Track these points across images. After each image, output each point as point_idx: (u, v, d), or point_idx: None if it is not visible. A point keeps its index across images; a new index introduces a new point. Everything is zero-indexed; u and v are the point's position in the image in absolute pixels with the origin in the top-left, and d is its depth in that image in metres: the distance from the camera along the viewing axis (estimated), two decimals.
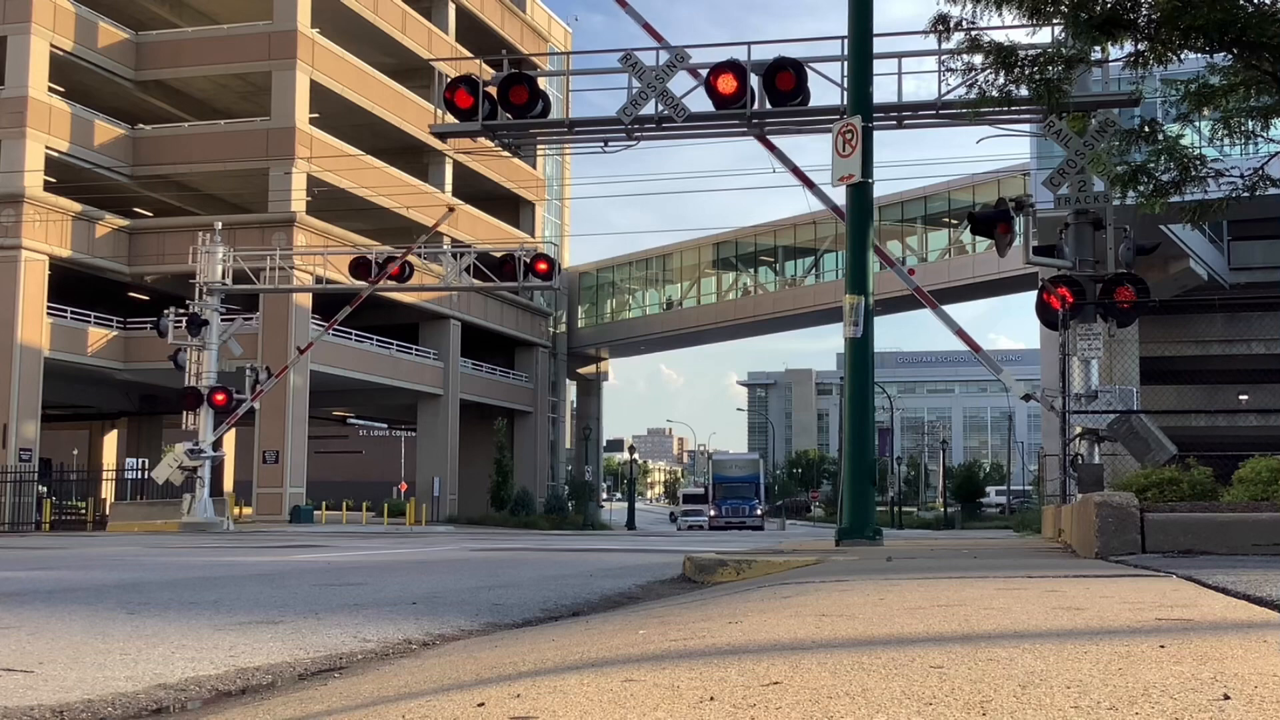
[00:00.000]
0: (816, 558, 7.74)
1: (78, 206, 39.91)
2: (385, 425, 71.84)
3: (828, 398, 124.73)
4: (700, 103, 16.60)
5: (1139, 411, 14.75)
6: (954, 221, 50.04)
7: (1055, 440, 15.04)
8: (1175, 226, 28.00)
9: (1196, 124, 11.96)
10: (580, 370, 66.05)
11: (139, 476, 38.42)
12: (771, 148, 16.87)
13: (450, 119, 17.51)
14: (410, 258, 29.81)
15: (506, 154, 21.86)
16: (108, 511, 34.46)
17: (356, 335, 44.85)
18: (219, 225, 30.95)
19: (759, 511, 58.19)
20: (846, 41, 12.02)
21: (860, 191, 10.75)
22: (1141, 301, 14.30)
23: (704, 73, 16.47)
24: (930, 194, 51.85)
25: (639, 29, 17.53)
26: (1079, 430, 13.93)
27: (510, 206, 57.54)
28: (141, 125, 44.63)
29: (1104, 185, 14.00)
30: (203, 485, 29.42)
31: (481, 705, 1.93)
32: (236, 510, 35.39)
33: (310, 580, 7.30)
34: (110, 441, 50.38)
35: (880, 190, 12.00)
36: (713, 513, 58.73)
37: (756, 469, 62.31)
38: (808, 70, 16.24)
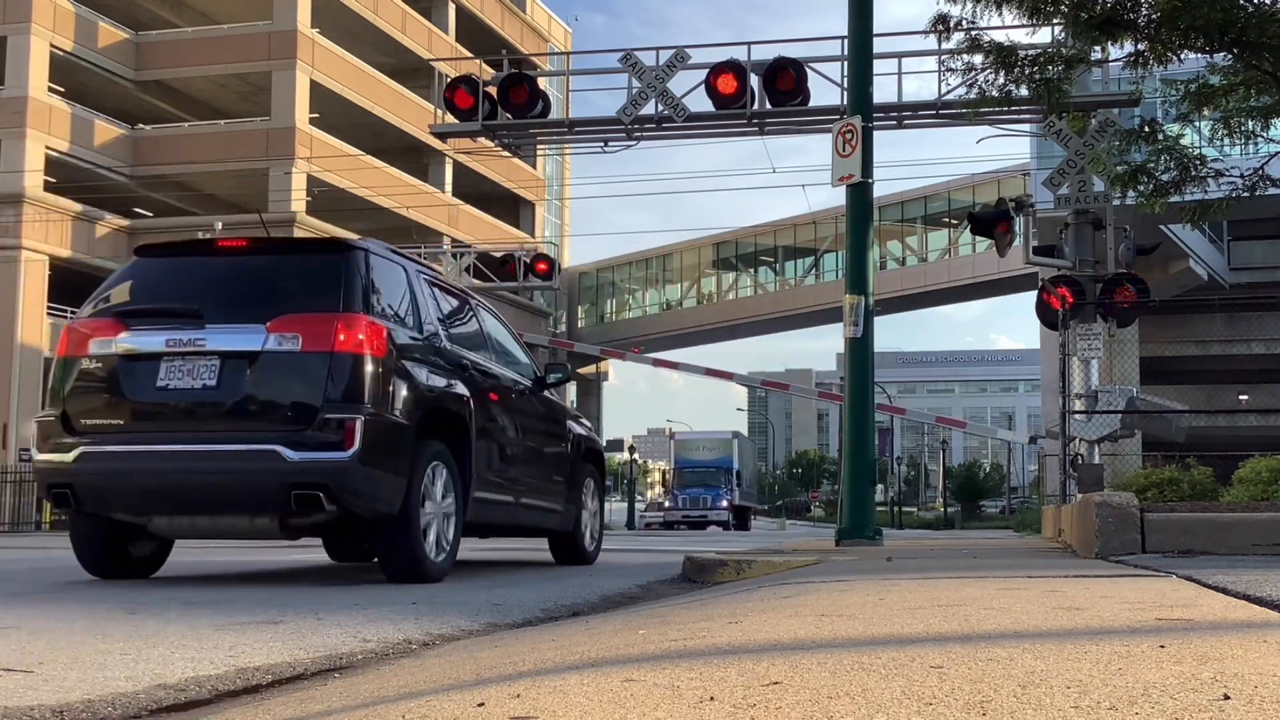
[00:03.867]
0: (816, 558, 7.75)
1: (78, 206, 39.91)
2: None
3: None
4: (700, 103, 16.63)
5: (1138, 411, 14.76)
6: (954, 221, 50.04)
7: (1055, 440, 15.04)
8: (1175, 226, 28.01)
9: (1196, 124, 11.98)
10: (580, 370, 66.07)
11: None
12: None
13: (450, 119, 17.53)
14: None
15: (506, 154, 21.87)
16: None
17: None
18: (219, 225, 30.97)
19: (724, 503, 46.99)
20: (846, 41, 12.03)
21: (860, 191, 10.75)
22: (1141, 301, 14.32)
23: (704, 73, 16.49)
24: (930, 194, 51.87)
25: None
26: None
27: (510, 206, 57.55)
28: (141, 125, 44.65)
29: (1104, 185, 14.01)
30: None
31: (481, 705, 1.93)
32: None
33: (310, 580, 7.31)
34: None
35: (880, 190, 12.01)
36: (668, 504, 48.34)
37: (729, 451, 50.55)
38: (808, 70, 16.24)
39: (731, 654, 2.38)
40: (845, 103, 12.86)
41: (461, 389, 7.55)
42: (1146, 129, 11.36)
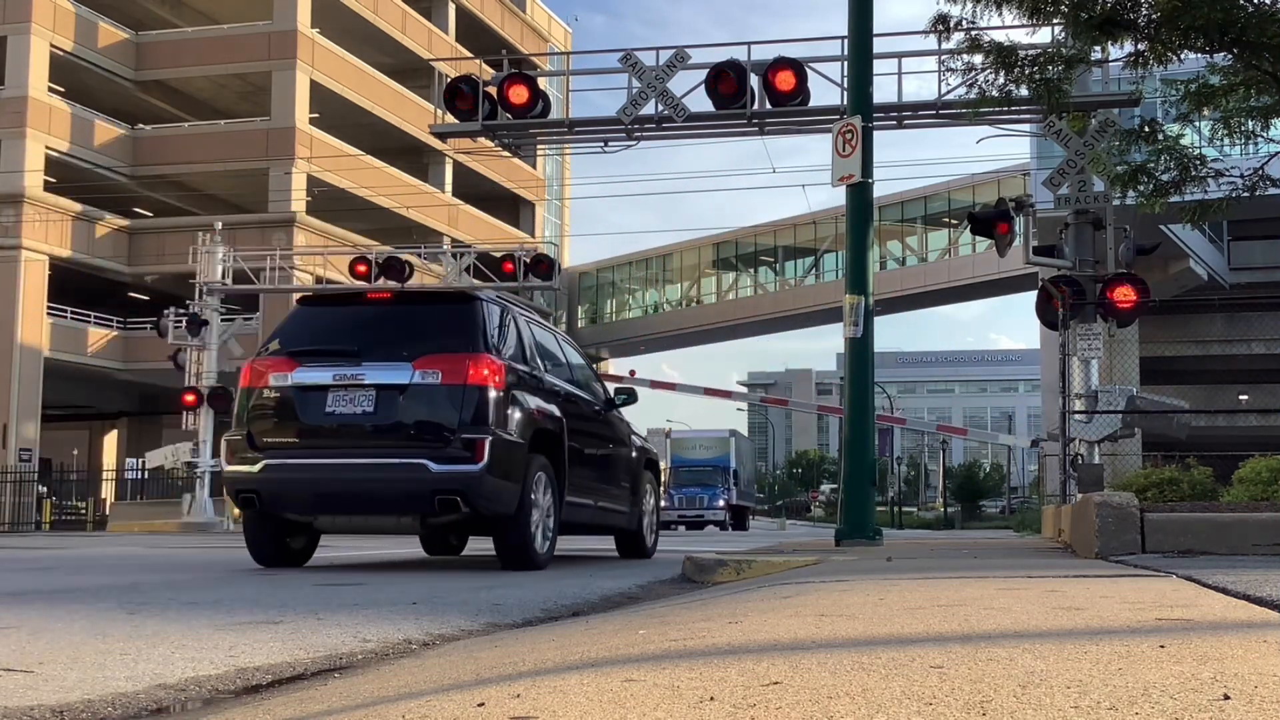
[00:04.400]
0: (816, 558, 7.75)
1: (78, 206, 39.90)
2: None
3: (828, 398, 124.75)
4: (700, 103, 16.60)
5: (1139, 411, 14.75)
6: (954, 221, 50.02)
7: (1056, 441, 15.03)
8: (1175, 226, 28.01)
9: (1196, 124, 11.97)
10: None
11: (139, 476, 38.41)
12: None
13: (450, 119, 17.50)
14: (410, 257, 29.84)
15: (506, 154, 21.85)
16: (108, 511, 34.47)
17: None
18: (219, 225, 30.94)
19: (721, 503, 46.33)
20: (846, 41, 12.02)
21: (860, 191, 10.75)
22: (1141, 301, 14.30)
23: (704, 73, 16.48)
24: (930, 194, 51.86)
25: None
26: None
27: (510, 206, 57.54)
28: (141, 125, 44.63)
29: (1104, 185, 14.00)
30: (203, 485, 29.45)
31: (481, 705, 1.93)
32: (237, 510, 35.36)
33: (310, 580, 7.30)
34: (110, 441, 50.41)
35: (880, 190, 12.00)
36: (663, 504, 47.85)
37: (726, 449, 49.51)
38: (808, 70, 16.22)
39: (731, 654, 2.38)
40: (845, 103, 12.85)
41: (557, 412, 9.20)
42: (1146, 129, 11.36)
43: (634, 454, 11.31)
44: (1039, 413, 64.60)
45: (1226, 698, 1.73)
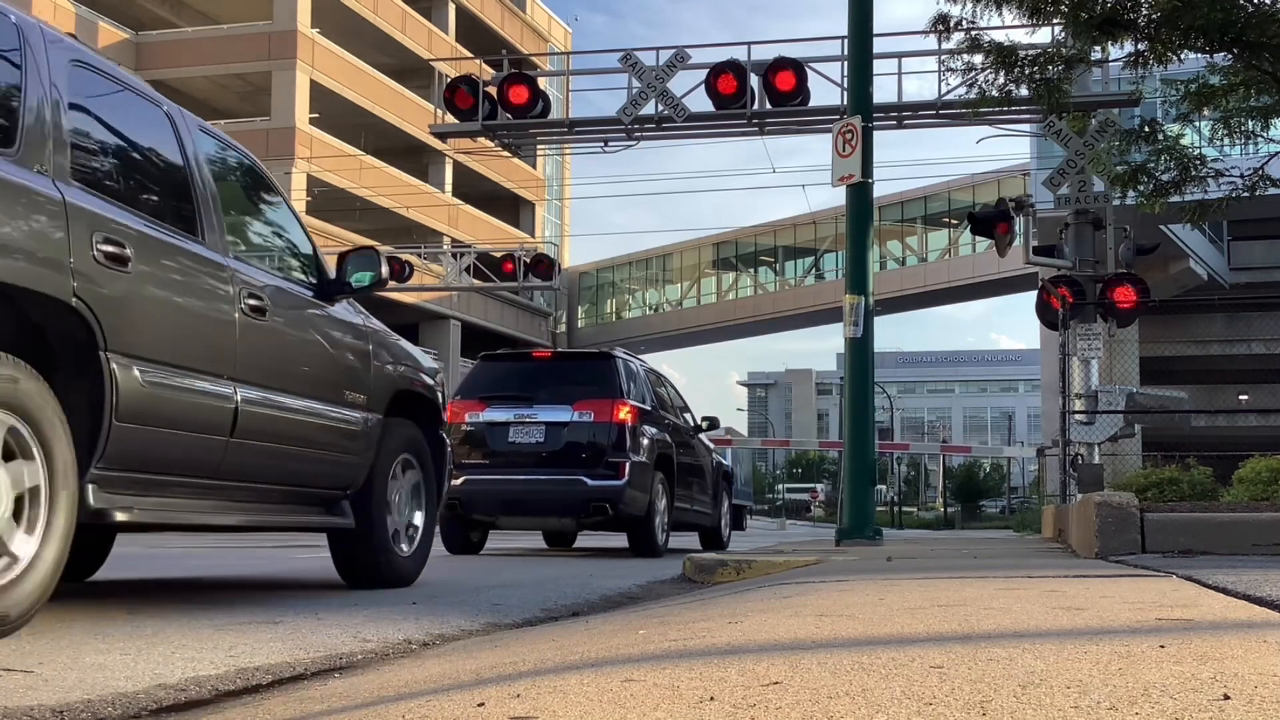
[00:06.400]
0: (816, 558, 7.75)
1: None
2: None
3: (828, 398, 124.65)
4: (700, 103, 16.61)
5: (1140, 411, 14.76)
6: (954, 221, 50.01)
7: (1057, 444, 15.02)
8: (1175, 226, 28.02)
9: (1196, 124, 11.99)
10: None
11: None
12: None
13: (450, 119, 17.51)
14: (410, 257, 29.83)
15: (506, 154, 21.84)
16: None
17: None
18: None
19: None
20: (846, 41, 12.03)
21: (860, 191, 10.75)
22: (1142, 301, 14.31)
23: (704, 73, 16.47)
24: (930, 194, 51.85)
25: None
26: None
27: (510, 206, 57.50)
28: None
29: (1104, 185, 14.01)
30: None
31: (481, 705, 1.93)
32: None
33: (310, 581, 7.31)
34: None
35: (880, 190, 12.02)
36: None
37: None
38: (808, 70, 16.22)
39: (731, 654, 2.38)
40: (845, 103, 12.85)
41: (668, 439, 12.13)
42: (1146, 129, 11.37)
43: (715, 466, 14.17)
44: (1039, 413, 64.55)
45: (1226, 698, 1.73)
